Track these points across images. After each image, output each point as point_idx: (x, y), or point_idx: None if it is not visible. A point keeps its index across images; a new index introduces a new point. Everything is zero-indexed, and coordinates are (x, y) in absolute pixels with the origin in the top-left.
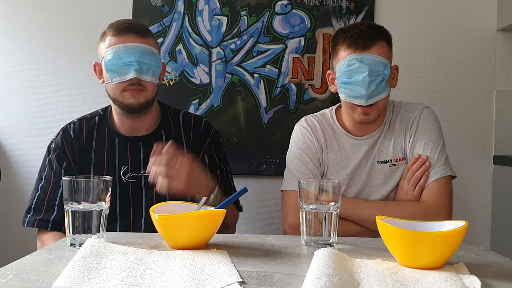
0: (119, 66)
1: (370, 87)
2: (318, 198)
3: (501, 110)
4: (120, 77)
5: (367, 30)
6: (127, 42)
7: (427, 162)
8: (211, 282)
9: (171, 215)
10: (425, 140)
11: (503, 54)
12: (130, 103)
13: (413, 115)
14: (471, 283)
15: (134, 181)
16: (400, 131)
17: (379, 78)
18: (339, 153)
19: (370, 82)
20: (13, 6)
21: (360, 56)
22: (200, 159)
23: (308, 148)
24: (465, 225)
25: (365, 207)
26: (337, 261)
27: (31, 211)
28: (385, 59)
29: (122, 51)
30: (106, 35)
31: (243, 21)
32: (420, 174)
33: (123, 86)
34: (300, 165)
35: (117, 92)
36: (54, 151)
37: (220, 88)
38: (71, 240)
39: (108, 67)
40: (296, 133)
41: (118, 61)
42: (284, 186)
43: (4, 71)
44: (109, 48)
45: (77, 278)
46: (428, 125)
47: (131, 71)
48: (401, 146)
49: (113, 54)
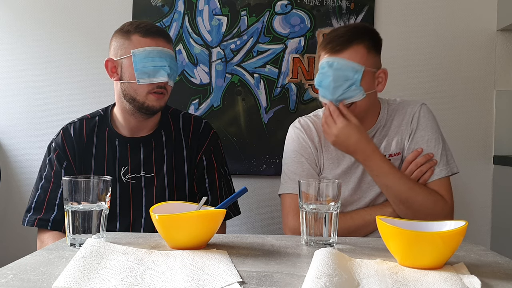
0: (151, 68)
1: (335, 92)
2: (318, 198)
3: (501, 110)
4: (150, 79)
5: (343, 34)
6: (160, 46)
7: (433, 159)
8: (211, 282)
9: (171, 215)
10: (428, 137)
11: (503, 54)
12: (153, 105)
13: (413, 111)
14: (471, 283)
15: (134, 181)
16: (397, 127)
17: (346, 84)
18: (334, 152)
19: (334, 87)
20: (13, 6)
21: (331, 59)
22: (197, 161)
23: (304, 149)
24: (465, 225)
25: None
26: (337, 261)
27: (31, 210)
28: (357, 64)
29: (155, 54)
30: (131, 33)
31: (243, 21)
32: (426, 168)
33: (151, 88)
34: (296, 166)
35: (141, 93)
36: (55, 150)
37: (220, 88)
38: (71, 240)
39: (138, 68)
40: (290, 135)
41: (151, 63)
42: (282, 190)
43: (4, 71)
44: (140, 49)
45: (77, 278)
46: (429, 122)
47: (164, 75)
48: (397, 141)
49: (145, 55)
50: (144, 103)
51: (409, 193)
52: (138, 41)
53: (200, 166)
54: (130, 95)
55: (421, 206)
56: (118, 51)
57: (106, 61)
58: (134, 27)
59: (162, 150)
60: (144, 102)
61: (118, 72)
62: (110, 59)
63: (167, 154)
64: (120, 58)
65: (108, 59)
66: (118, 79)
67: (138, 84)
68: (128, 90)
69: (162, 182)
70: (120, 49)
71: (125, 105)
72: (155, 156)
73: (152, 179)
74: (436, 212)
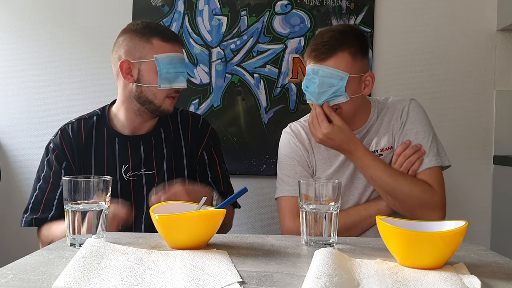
0: (173, 74)
1: (320, 97)
2: (318, 198)
3: (501, 110)
4: (170, 84)
5: (328, 41)
6: (178, 52)
7: (422, 150)
8: (211, 282)
9: (171, 215)
10: (416, 130)
11: (503, 54)
12: (168, 109)
13: (402, 106)
14: (471, 283)
15: (135, 179)
16: (388, 123)
17: (331, 90)
18: (325, 152)
19: (320, 93)
20: (13, 6)
21: (316, 67)
22: (199, 157)
23: (295, 152)
24: (465, 225)
25: (376, 175)
26: (337, 261)
27: (28, 211)
28: (341, 71)
29: (177, 61)
30: (150, 37)
31: (243, 21)
32: (414, 159)
33: (169, 92)
34: (288, 170)
35: (160, 96)
36: (53, 151)
37: (220, 88)
38: (71, 240)
39: (162, 73)
40: (282, 140)
41: (173, 69)
42: (277, 194)
43: (4, 71)
44: (164, 55)
45: (77, 278)
46: (418, 116)
47: (183, 81)
48: (388, 136)
49: (168, 61)
50: (161, 106)
51: (394, 184)
52: (160, 46)
53: (201, 161)
54: (147, 98)
55: (407, 196)
56: (136, 53)
57: (122, 62)
58: (152, 30)
59: (161, 148)
60: (161, 106)
61: (133, 74)
62: (126, 60)
63: (167, 151)
64: (138, 61)
65: (124, 60)
66: (134, 81)
67: (158, 89)
68: (146, 93)
69: (163, 179)
70: (138, 51)
71: (133, 106)
72: (155, 154)
73: (153, 176)
74: (424, 202)
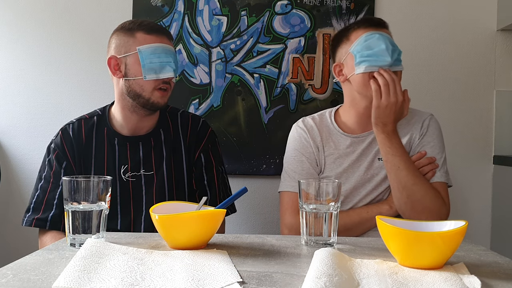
0: (158, 64)
1: (393, 55)
2: (318, 198)
3: (501, 110)
4: (156, 74)
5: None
6: (164, 43)
7: (436, 163)
8: (211, 282)
9: (171, 215)
10: (433, 144)
11: (503, 54)
12: (158, 102)
13: (423, 118)
14: (471, 283)
15: (134, 179)
16: (406, 130)
17: (397, 51)
18: (336, 152)
19: (393, 50)
20: (13, 6)
21: (378, 31)
22: (196, 159)
23: (304, 148)
24: (465, 225)
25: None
26: (337, 261)
27: (30, 210)
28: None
29: (161, 50)
30: (134, 31)
31: (243, 21)
32: (428, 169)
33: (157, 84)
34: (296, 165)
35: (147, 89)
36: (54, 151)
37: (220, 88)
38: (71, 240)
39: (145, 64)
40: (292, 134)
41: (158, 59)
42: (281, 187)
43: (4, 71)
44: (146, 46)
45: (77, 278)
46: (436, 131)
47: (170, 71)
48: (406, 141)
49: (151, 51)
50: (150, 99)
51: (415, 180)
52: (143, 38)
53: (198, 163)
54: (136, 91)
55: (422, 197)
56: (122, 48)
57: (109, 59)
58: (137, 25)
59: (161, 148)
60: (150, 98)
61: (121, 69)
62: (113, 56)
63: (166, 152)
64: (124, 55)
65: (111, 57)
66: (122, 76)
67: (144, 80)
68: (134, 86)
69: (162, 180)
70: (123, 47)
71: (127, 103)
72: (154, 155)
73: (152, 177)
74: (434, 208)
